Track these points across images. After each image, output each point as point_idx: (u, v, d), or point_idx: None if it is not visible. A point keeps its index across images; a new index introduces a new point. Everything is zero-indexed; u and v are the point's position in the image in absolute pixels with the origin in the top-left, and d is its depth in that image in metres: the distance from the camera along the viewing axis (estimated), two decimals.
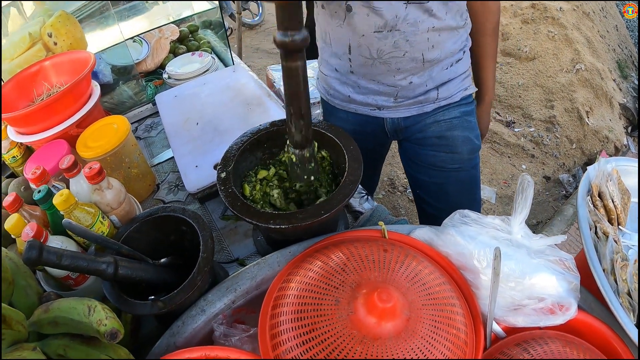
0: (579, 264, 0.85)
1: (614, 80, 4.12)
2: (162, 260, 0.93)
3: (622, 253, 0.86)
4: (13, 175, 1.43)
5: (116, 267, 0.79)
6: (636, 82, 4.44)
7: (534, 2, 4.28)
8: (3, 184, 1.27)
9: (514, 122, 3.81)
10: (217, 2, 1.87)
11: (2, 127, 1.33)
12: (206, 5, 1.92)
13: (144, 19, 1.94)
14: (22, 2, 1.59)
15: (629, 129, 3.95)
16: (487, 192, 3.21)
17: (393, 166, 3.52)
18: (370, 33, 1.12)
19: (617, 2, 5.41)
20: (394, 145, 1.58)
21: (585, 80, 3.77)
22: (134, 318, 0.94)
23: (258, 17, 6.26)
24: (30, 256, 0.68)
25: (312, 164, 0.93)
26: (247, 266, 0.87)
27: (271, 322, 0.68)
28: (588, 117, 3.61)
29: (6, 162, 1.39)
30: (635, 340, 0.71)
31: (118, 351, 0.71)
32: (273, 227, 0.81)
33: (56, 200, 0.87)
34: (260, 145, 1.06)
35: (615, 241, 0.87)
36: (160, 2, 2.01)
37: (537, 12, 4.20)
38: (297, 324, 0.64)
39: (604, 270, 0.81)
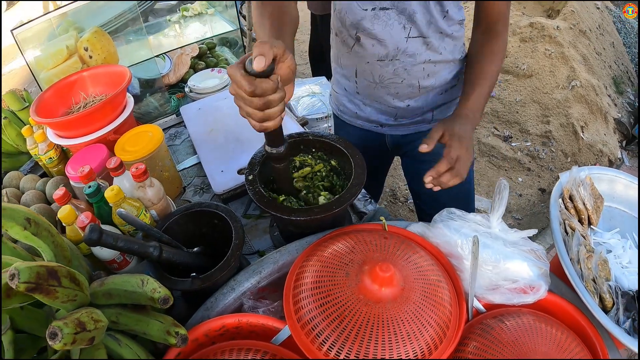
0: (555, 260, 1.00)
1: (609, 95, 4.27)
2: (195, 249, 1.09)
3: (589, 246, 1.01)
4: (45, 175, 1.58)
5: (161, 251, 0.94)
6: (632, 97, 4.59)
7: (531, 21, 4.46)
8: (39, 182, 1.41)
9: (511, 137, 3.97)
10: (237, 25, 2.05)
11: (42, 130, 1.47)
12: (227, 27, 2.10)
13: (169, 36, 2.13)
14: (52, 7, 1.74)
15: (624, 143, 4.10)
16: (484, 204, 3.36)
17: (395, 178, 3.68)
18: (374, 61, 1.29)
19: (615, 13, 5.55)
20: (397, 159, 1.74)
21: (580, 96, 3.93)
22: None
23: None
24: (92, 237, 0.83)
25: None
26: (271, 252, 1.03)
27: (294, 291, 0.84)
28: (583, 132, 3.76)
29: (40, 163, 1.53)
30: (598, 317, 0.86)
31: (166, 317, 0.86)
32: (294, 218, 0.98)
33: (107, 194, 1.03)
34: None
35: (583, 236, 1.03)
36: (182, 22, 2.19)
37: (534, 31, 4.37)
38: (315, 291, 0.80)
39: (571, 260, 0.97)
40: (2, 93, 1.75)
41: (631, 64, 5.10)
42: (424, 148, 1.11)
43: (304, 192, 1.19)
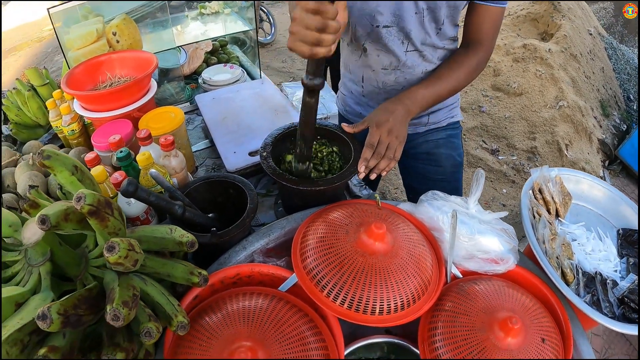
0: (527, 248, 1.17)
1: (595, 117, 4.47)
2: (209, 215, 1.23)
3: (554, 230, 1.17)
4: (62, 147, 1.70)
5: (184, 210, 1.09)
6: (617, 120, 4.80)
7: (525, 43, 4.65)
8: (61, 152, 1.54)
9: (499, 151, 4.16)
10: (253, 25, 2.22)
11: (67, 103, 1.58)
12: (240, 27, 2.28)
13: (185, 31, 2.28)
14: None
15: (606, 162, 4.30)
16: None
17: (384, 182, 3.86)
18: (379, 69, 1.46)
19: (607, 40, 5.75)
20: None
21: (566, 116, 4.12)
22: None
23: (270, 37, 6.61)
24: (129, 189, 0.96)
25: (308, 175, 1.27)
26: (279, 219, 1.18)
27: (301, 245, 1.00)
28: (567, 150, 3.95)
29: (60, 135, 1.66)
30: (559, 286, 1.01)
31: (187, 262, 0.98)
32: (301, 188, 1.13)
33: (139, 157, 1.18)
34: (288, 138, 1.37)
35: (550, 222, 1.19)
36: (199, 19, 2.35)
37: (527, 52, 4.57)
38: (319, 244, 0.96)
39: (537, 240, 1.13)
40: (24, 69, 1.87)
41: (619, 89, 5.31)
42: (344, 125, 1.31)
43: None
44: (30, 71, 1.85)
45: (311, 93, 1.07)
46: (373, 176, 1.18)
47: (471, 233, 1.05)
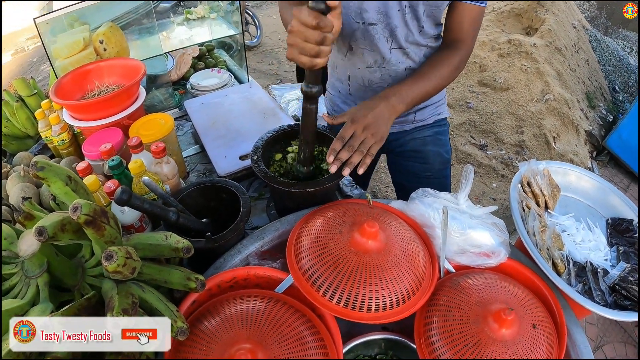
0: (518, 240, 1.19)
1: (581, 109, 4.52)
2: (203, 220, 1.24)
3: (544, 222, 1.19)
4: (53, 157, 1.69)
5: (178, 216, 1.09)
6: (604, 112, 4.86)
7: (510, 38, 4.70)
8: (53, 160, 1.54)
9: (487, 146, 4.19)
10: (239, 29, 2.23)
11: (56, 113, 1.57)
12: (227, 31, 2.28)
13: (172, 37, 2.29)
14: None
15: (594, 153, 4.35)
16: None
17: (375, 180, 3.88)
18: (364, 67, 1.47)
19: (592, 32, 5.80)
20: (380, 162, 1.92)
21: (553, 109, 4.16)
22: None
23: (256, 39, 6.61)
24: (122, 198, 0.96)
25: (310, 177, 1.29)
26: (272, 222, 1.19)
27: (296, 246, 1.01)
28: (555, 142, 3.99)
29: (50, 145, 1.65)
30: (551, 277, 1.03)
31: (184, 268, 0.99)
32: (293, 190, 1.14)
33: (132, 165, 1.18)
34: (279, 140, 1.39)
35: (539, 215, 1.21)
36: (185, 24, 2.36)
37: (512, 47, 4.62)
38: (314, 244, 0.97)
39: (527, 232, 1.15)
40: (10, 79, 1.87)
41: (605, 81, 5.37)
42: (325, 115, 1.35)
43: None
44: (17, 81, 1.84)
45: (311, 100, 1.10)
46: (346, 171, 1.15)
47: (462, 228, 1.07)
